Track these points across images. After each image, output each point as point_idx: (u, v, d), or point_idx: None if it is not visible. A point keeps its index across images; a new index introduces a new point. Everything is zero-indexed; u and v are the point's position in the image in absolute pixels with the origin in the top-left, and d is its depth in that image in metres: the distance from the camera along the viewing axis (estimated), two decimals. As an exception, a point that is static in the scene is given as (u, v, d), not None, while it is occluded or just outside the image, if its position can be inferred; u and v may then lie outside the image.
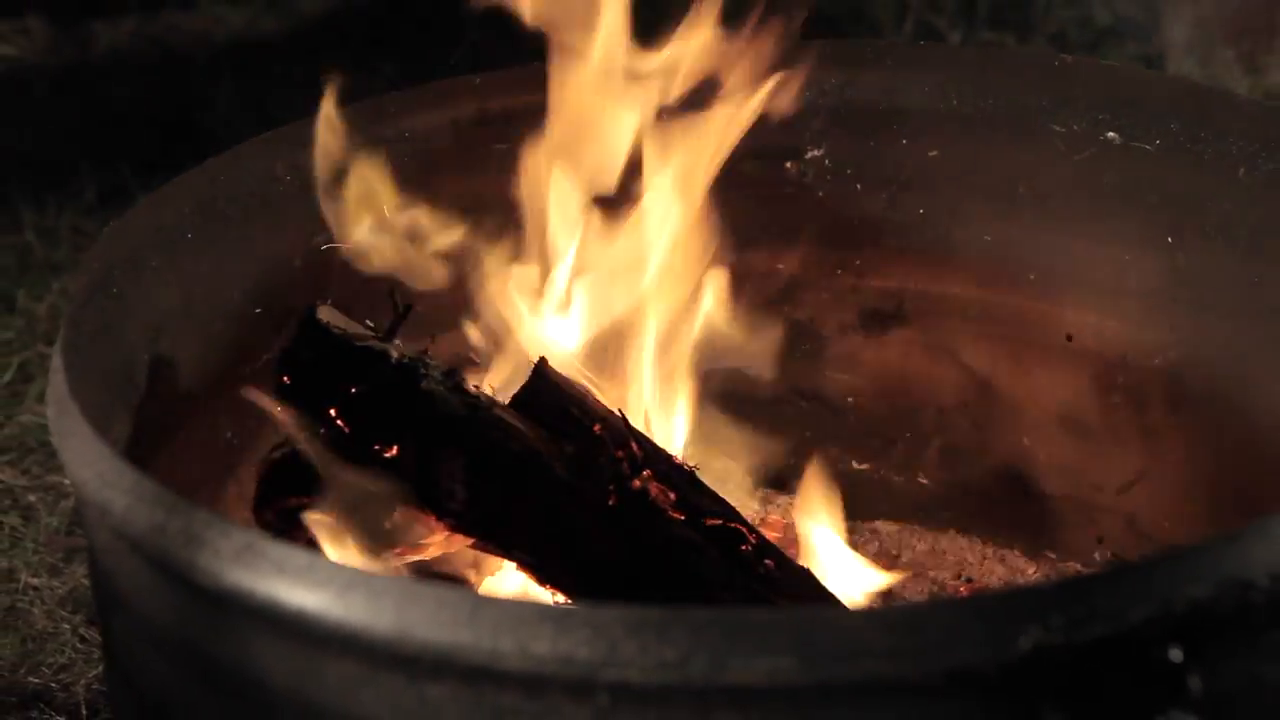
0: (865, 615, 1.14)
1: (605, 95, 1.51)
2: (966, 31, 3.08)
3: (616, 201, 1.54)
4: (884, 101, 1.67)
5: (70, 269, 1.38)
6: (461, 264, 1.50)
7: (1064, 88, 1.63)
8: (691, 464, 1.49)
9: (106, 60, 3.15)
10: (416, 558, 1.38)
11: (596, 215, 1.53)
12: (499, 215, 1.53)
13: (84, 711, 1.69)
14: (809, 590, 1.41)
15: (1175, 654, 1.01)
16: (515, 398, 1.35)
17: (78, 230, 2.51)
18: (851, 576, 1.54)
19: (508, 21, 1.47)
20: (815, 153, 1.70)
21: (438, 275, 1.49)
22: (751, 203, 1.70)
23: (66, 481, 1.67)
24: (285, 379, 1.35)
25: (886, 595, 1.60)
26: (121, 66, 3.13)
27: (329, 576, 1.04)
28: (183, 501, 1.11)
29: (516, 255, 1.53)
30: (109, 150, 2.60)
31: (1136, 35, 3.02)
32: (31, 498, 2.01)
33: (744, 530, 1.38)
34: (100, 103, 2.95)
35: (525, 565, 1.35)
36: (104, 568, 1.23)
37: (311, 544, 1.31)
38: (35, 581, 1.88)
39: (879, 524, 1.78)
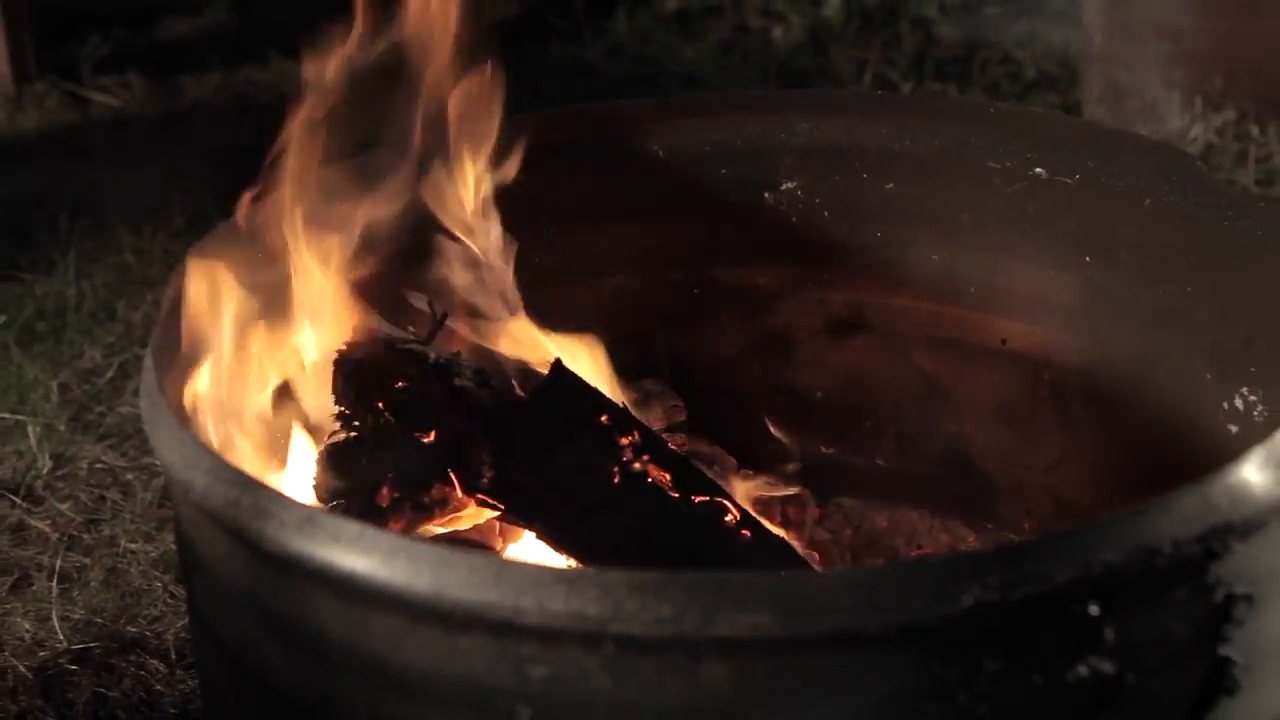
0: (832, 577, 1.13)
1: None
2: (916, 83, 3.08)
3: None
4: (846, 142, 1.67)
5: (161, 284, 1.37)
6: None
7: (998, 131, 1.62)
8: (684, 449, 1.49)
9: (193, 109, 3.16)
10: (450, 528, 1.38)
11: None
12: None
13: (173, 656, 1.69)
14: (784, 556, 1.40)
15: (1093, 609, 1.01)
16: (535, 392, 1.35)
17: (168, 251, 2.52)
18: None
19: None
20: (789, 185, 1.69)
21: None
22: (735, 227, 1.70)
23: (157, 463, 1.67)
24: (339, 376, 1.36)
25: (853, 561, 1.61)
26: (205, 114, 3.13)
27: (376, 544, 1.04)
28: (253, 480, 1.11)
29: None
30: (195, 184, 2.60)
31: (1058, 88, 3.03)
32: (129, 476, 2.01)
33: (728, 505, 1.38)
34: (187, 144, 2.96)
35: (542, 535, 1.34)
36: (188, 536, 1.23)
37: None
38: (133, 546, 1.88)
39: (843, 499, 1.77)
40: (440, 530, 1.36)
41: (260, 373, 1.39)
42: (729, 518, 1.36)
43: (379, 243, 1.44)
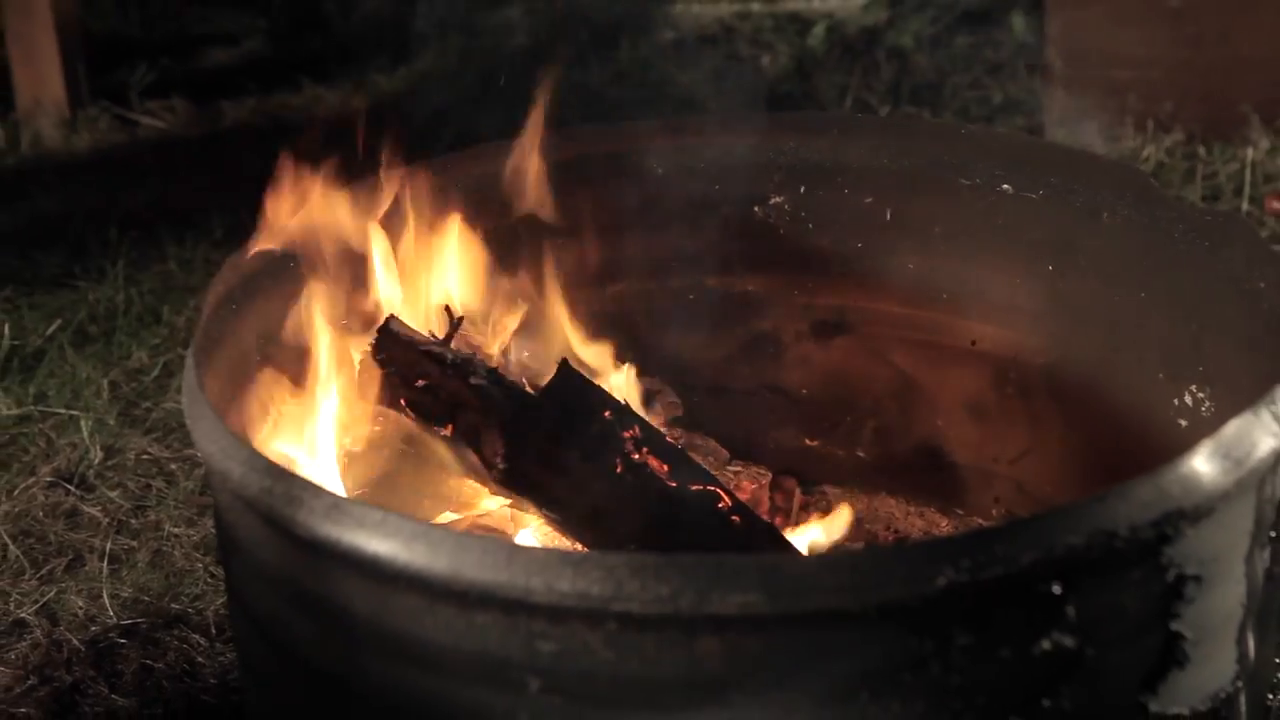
0: (816, 559, 1.13)
1: None
2: (893, 106, 3.08)
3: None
4: (830, 160, 1.67)
5: (202, 290, 1.37)
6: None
7: (968, 150, 1.62)
8: (681, 442, 1.48)
9: (231, 130, 3.16)
10: (466, 515, 1.38)
11: None
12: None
13: (213, 631, 1.69)
14: (771, 540, 1.40)
15: (1056, 589, 1.01)
16: (544, 390, 1.34)
17: (209, 260, 2.52)
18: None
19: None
20: (777, 199, 1.69)
21: None
22: (728, 238, 1.70)
23: (198, 454, 1.67)
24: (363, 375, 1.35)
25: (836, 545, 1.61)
26: (243, 135, 3.14)
27: (398, 529, 1.03)
28: (285, 470, 1.11)
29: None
30: (233, 200, 2.59)
31: (1022, 111, 3.03)
32: (173, 466, 2.01)
33: (721, 493, 1.37)
34: (226, 162, 2.96)
35: (550, 520, 1.34)
36: (226, 521, 1.23)
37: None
38: (176, 531, 1.87)
39: (826, 487, 1.77)
40: (457, 518, 1.36)
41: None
42: (721, 504, 1.35)
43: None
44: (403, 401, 1.33)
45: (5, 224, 2.71)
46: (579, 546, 1.33)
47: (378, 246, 1.44)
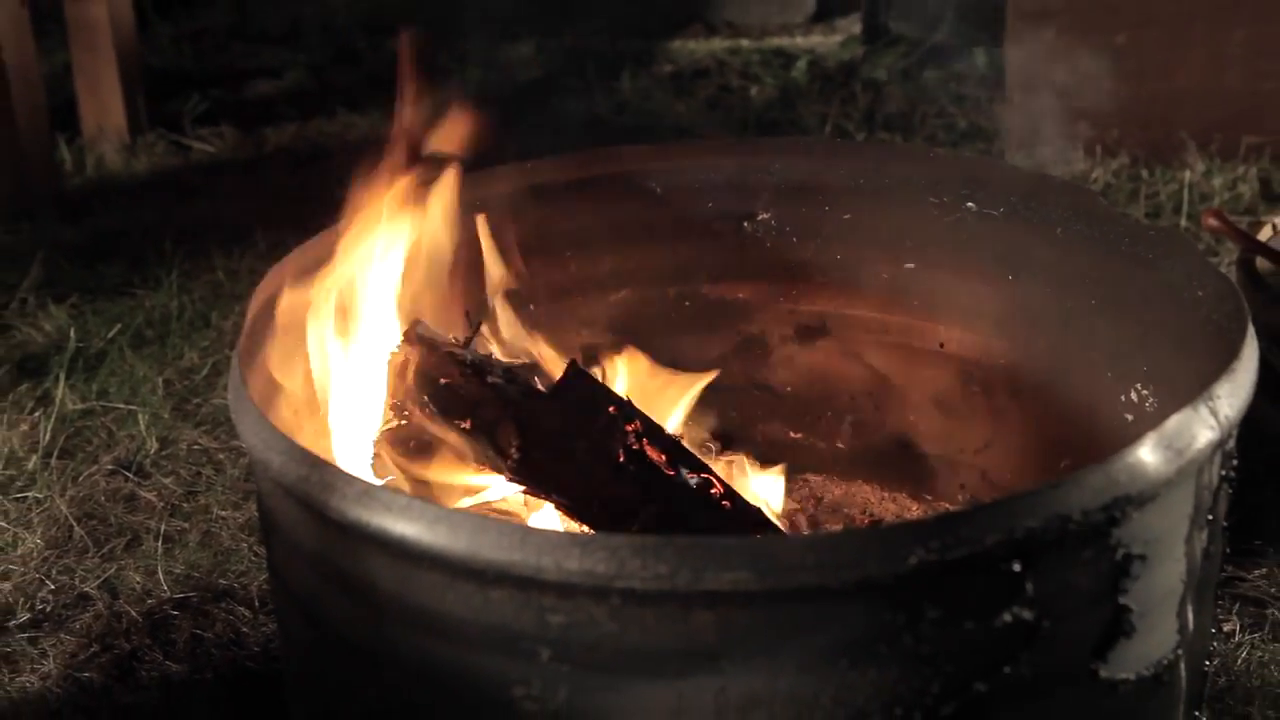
0: (799, 540, 1.12)
1: None
2: (868, 133, 3.08)
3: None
4: (812, 180, 1.66)
5: (247, 298, 1.37)
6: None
7: (936, 172, 1.62)
8: (678, 434, 1.47)
9: (274, 154, 3.15)
10: (483, 500, 1.37)
11: None
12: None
13: (256, 604, 1.68)
14: (759, 522, 1.39)
15: (1015, 566, 1.00)
16: (554, 388, 1.33)
17: (253, 271, 2.50)
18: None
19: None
20: (764, 215, 1.69)
21: None
22: (720, 250, 1.70)
23: (242, 445, 1.66)
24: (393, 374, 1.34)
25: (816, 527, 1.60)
26: (284, 158, 3.13)
27: (421, 512, 1.03)
28: (320, 459, 1.10)
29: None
30: (275, 216, 2.60)
31: (984, 137, 3.02)
32: (221, 456, 2.00)
33: (713, 479, 1.36)
34: (269, 183, 2.96)
35: (559, 505, 1.33)
36: (267, 505, 1.22)
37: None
38: (223, 514, 1.87)
39: (808, 476, 1.77)
40: (475, 502, 1.35)
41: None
42: (714, 490, 1.34)
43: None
44: (426, 398, 1.32)
45: (72, 238, 2.70)
46: (585, 529, 1.32)
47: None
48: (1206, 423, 1.09)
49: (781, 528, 1.46)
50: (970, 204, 1.58)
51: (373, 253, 1.38)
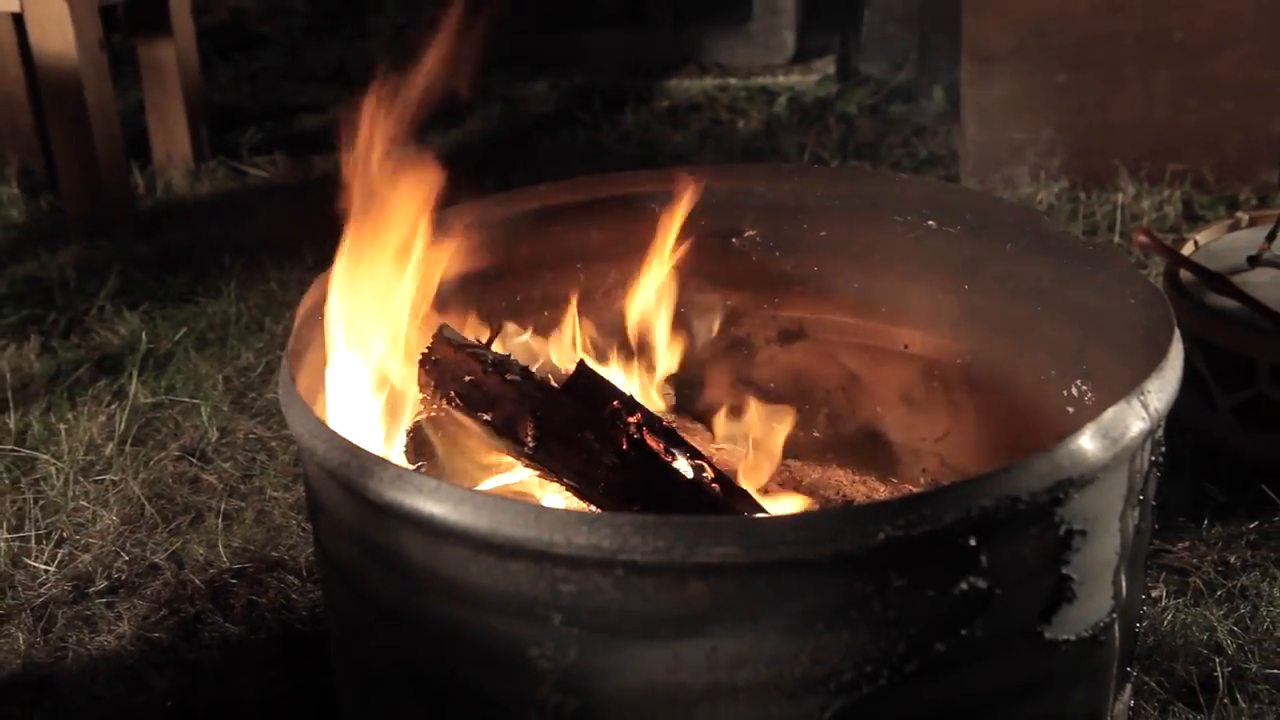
0: (781, 519, 1.11)
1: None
2: (841, 160, 3.07)
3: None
4: (792, 200, 1.65)
5: (296, 305, 1.36)
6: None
7: (900, 193, 1.61)
8: (674, 425, 1.46)
9: (321, 179, 3.15)
10: (502, 482, 1.36)
11: None
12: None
13: (304, 574, 1.67)
14: (746, 502, 1.38)
15: (971, 541, 1.00)
16: (565, 384, 1.33)
17: (301, 282, 2.50)
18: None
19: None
20: (750, 232, 1.68)
21: None
22: (711, 262, 1.68)
23: (292, 434, 1.66)
24: (423, 371, 1.34)
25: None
26: (330, 183, 3.11)
27: (448, 494, 1.02)
28: (359, 447, 1.10)
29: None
30: (322, 233, 2.58)
31: (943, 164, 3.02)
32: (273, 443, 1.99)
33: (705, 464, 1.36)
34: (317, 205, 2.93)
35: (570, 487, 1.32)
36: (313, 487, 1.21)
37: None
38: (276, 494, 1.86)
39: (788, 461, 1.75)
40: (495, 484, 1.34)
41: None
42: (706, 474, 1.33)
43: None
44: (452, 393, 1.31)
45: (144, 253, 2.70)
46: (593, 508, 1.31)
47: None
48: (1138, 415, 1.08)
49: (765, 508, 1.45)
50: (931, 222, 1.58)
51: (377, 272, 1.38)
